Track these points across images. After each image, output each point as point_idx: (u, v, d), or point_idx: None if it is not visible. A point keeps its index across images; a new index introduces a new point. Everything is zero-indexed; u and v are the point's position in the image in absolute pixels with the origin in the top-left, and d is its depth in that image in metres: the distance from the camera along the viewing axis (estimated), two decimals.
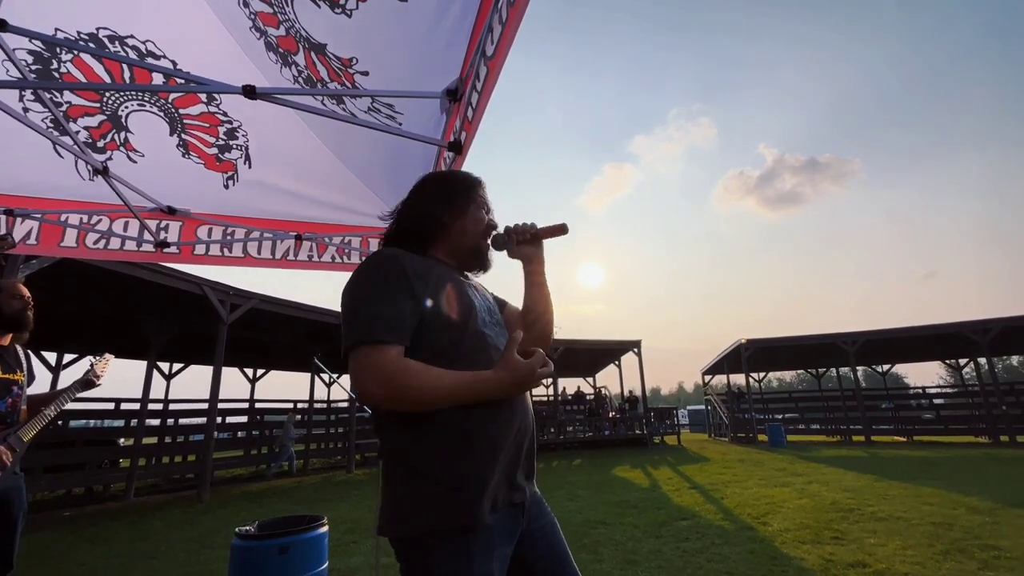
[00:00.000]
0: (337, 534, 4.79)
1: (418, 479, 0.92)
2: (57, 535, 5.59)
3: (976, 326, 14.59)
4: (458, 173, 1.25)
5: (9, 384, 2.01)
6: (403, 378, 0.89)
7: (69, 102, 1.96)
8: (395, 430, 0.97)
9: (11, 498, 1.98)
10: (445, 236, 1.15)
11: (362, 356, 0.90)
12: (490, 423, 0.97)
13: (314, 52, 1.48)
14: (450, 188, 1.18)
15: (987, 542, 3.99)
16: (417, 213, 1.16)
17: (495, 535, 0.94)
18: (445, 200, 1.16)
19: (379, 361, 0.89)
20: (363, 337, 0.91)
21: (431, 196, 1.17)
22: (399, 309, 0.94)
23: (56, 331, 9.29)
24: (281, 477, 10.98)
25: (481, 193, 1.21)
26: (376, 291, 0.96)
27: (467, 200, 1.18)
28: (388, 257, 1.01)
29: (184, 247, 2.63)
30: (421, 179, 1.24)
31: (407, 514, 0.91)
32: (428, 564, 0.89)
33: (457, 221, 1.15)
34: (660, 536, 4.53)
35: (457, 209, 1.16)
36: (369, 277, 0.99)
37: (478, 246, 1.19)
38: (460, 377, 0.93)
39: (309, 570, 2.51)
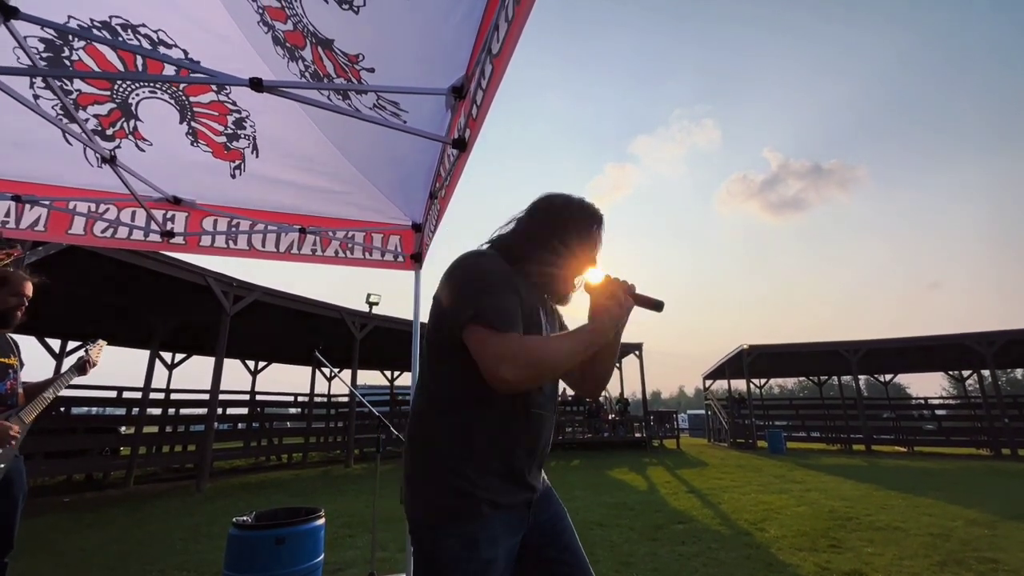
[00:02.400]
0: (334, 527, 4.81)
1: (440, 469, 0.98)
2: (56, 520, 5.64)
3: (980, 338, 14.50)
4: (589, 207, 1.18)
5: (5, 368, 2.04)
6: (533, 354, 0.93)
7: (79, 90, 1.98)
8: (429, 421, 1.03)
9: (12, 479, 2.01)
10: (548, 270, 1.14)
11: (491, 343, 0.92)
12: (513, 427, 1.02)
13: (321, 47, 1.49)
14: (579, 226, 1.15)
15: (985, 554, 3.97)
16: (529, 235, 1.14)
17: (502, 526, 0.99)
18: (561, 234, 1.13)
19: (510, 346, 0.92)
20: (492, 320, 0.93)
21: (551, 224, 1.13)
22: (515, 304, 0.99)
23: (60, 319, 9.35)
24: (280, 469, 11.03)
25: (598, 233, 1.19)
26: (494, 280, 0.99)
27: (588, 241, 1.16)
28: (495, 256, 1.07)
29: (190, 238, 2.65)
30: (549, 199, 1.18)
31: (426, 499, 0.98)
32: (437, 548, 0.94)
33: (564, 265, 1.14)
34: (656, 539, 4.53)
35: (572, 254, 1.14)
36: (484, 267, 1.03)
37: (567, 294, 1.21)
38: (572, 335, 0.99)
39: (304, 562, 2.53)
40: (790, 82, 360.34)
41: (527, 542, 1.06)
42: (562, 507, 1.16)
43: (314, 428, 13.41)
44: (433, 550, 0.95)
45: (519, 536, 1.04)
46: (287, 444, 12.87)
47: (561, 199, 1.18)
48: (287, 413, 15.38)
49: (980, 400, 17.60)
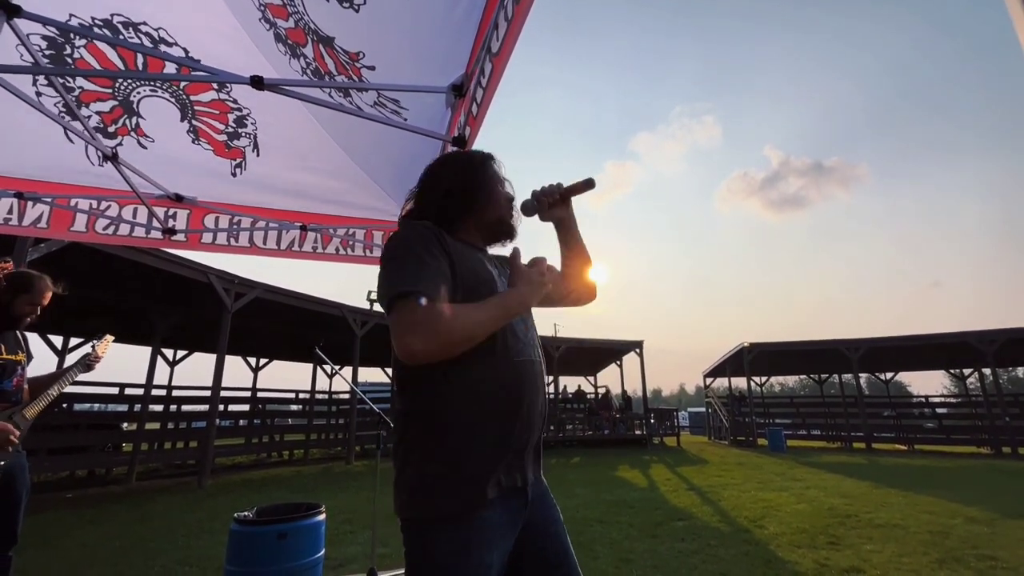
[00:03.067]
0: (335, 524, 4.83)
1: (429, 466, 0.94)
2: (59, 516, 5.67)
3: (981, 336, 14.48)
4: (469, 152, 1.25)
5: (14, 364, 2.05)
6: (444, 323, 0.88)
7: (81, 87, 1.99)
8: (413, 416, 0.99)
9: (15, 475, 2.03)
10: (468, 214, 1.15)
11: (401, 314, 0.89)
12: (502, 412, 0.98)
13: (322, 45, 1.50)
14: (468, 164, 1.18)
15: (984, 552, 3.98)
16: (438, 191, 1.15)
17: (496, 527, 0.95)
18: (464, 177, 1.15)
19: (420, 315, 0.87)
20: (402, 294, 0.90)
21: (450, 174, 1.16)
22: (438, 268, 0.96)
23: (62, 315, 9.38)
24: (281, 465, 11.07)
25: (495, 167, 1.21)
26: (413, 251, 0.97)
27: (486, 173, 1.18)
28: (420, 224, 1.04)
29: (191, 235, 2.66)
30: (435, 162, 1.23)
31: (416, 499, 0.94)
32: (430, 549, 0.91)
33: (480, 196, 1.15)
34: (656, 536, 4.55)
35: (479, 182, 1.16)
36: (405, 239, 1.00)
37: (502, 218, 1.19)
38: (488, 302, 0.96)
39: (305, 557, 2.54)
40: (791, 79, 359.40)
41: (519, 546, 1.02)
42: (557, 510, 1.13)
43: (315, 425, 13.45)
44: (423, 553, 0.91)
45: (513, 537, 1.00)
46: (288, 441, 12.91)
47: (445, 156, 1.25)
48: (288, 410, 15.42)
49: (981, 398, 17.60)
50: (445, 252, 1.00)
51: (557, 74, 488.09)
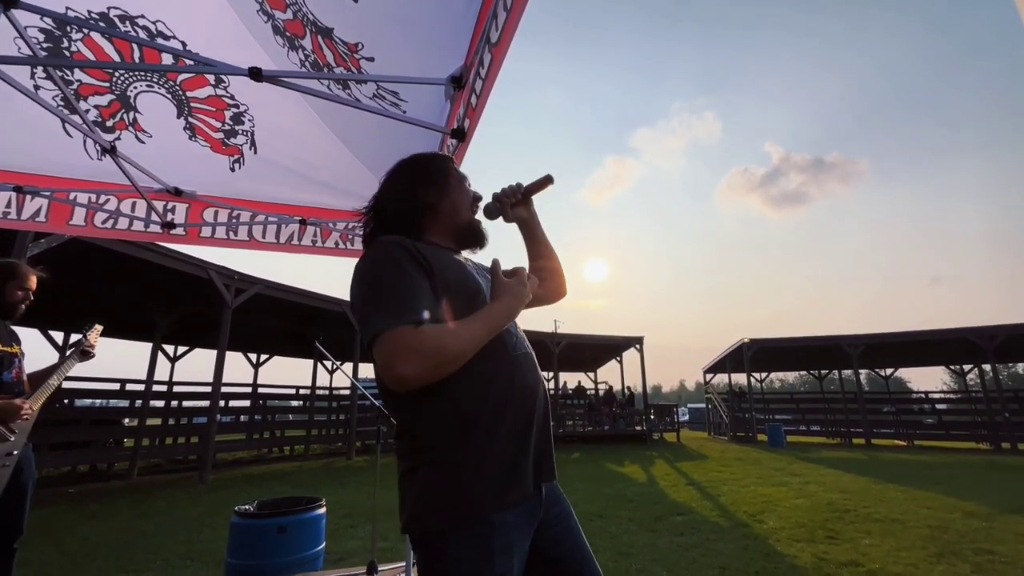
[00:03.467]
0: (335, 518, 4.85)
1: (438, 475, 0.90)
2: (62, 510, 5.70)
3: (982, 332, 14.49)
4: (428, 154, 1.22)
5: (12, 356, 2.06)
6: (434, 346, 0.85)
7: (80, 80, 1.98)
8: (415, 427, 0.94)
9: (21, 466, 2.04)
10: (434, 218, 1.12)
11: (385, 343, 0.85)
12: (507, 410, 0.94)
13: (321, 36, 1.49)
14: (426, 168, 1.15)
15: (981, 546, 3.99)
16: (400, 199, 1.11)
17: (514, 531, 0.91)
18: (425, 181, 1.12)
19: (406, 341, 0.84)
20: (385, 323, 0.86)
21: (409, 180, 1.13)
22: (418, 287, 0.92)
23: (63, 311, 9.39)
24: (282, 461, 11.11)
25: (455, 167, 1.19)
26: (388, 274, 0.92)
27: (447, 176, 1.15)
28: (389, 242, 0.98)
29: (190, 229, 2.66)
30: (394, 166, 1.19)
31: (427, 510, 0.89)
32: (448, 559, 0.86)
33: (444, 199, 1.12)
34: (655, 530, 4.57)
35: (440, 186, 1.12)
36: (377, 263, 0.95)
37: (470, 221, 1.16)
38: (473, 317, 0.93)
39: (306, 550, 2.56)
40: (792, 74, 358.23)
41: (534, 542, 0.98)
42: (568, 505, 1.11)
43: (316, 421, 13.49)
44: (443, 564, 0.86)
45: (530, 537, 0.96)
46: (289, 436, 12.95)
47: (404, 160, 1.20)
48: (289, 406, 15.45)
49: (980, 394, 17.63)
50: (421, 266, 0.95)
51: (556, 69, 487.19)
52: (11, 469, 1.95)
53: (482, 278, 1.11)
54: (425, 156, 1.20)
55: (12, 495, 2.01)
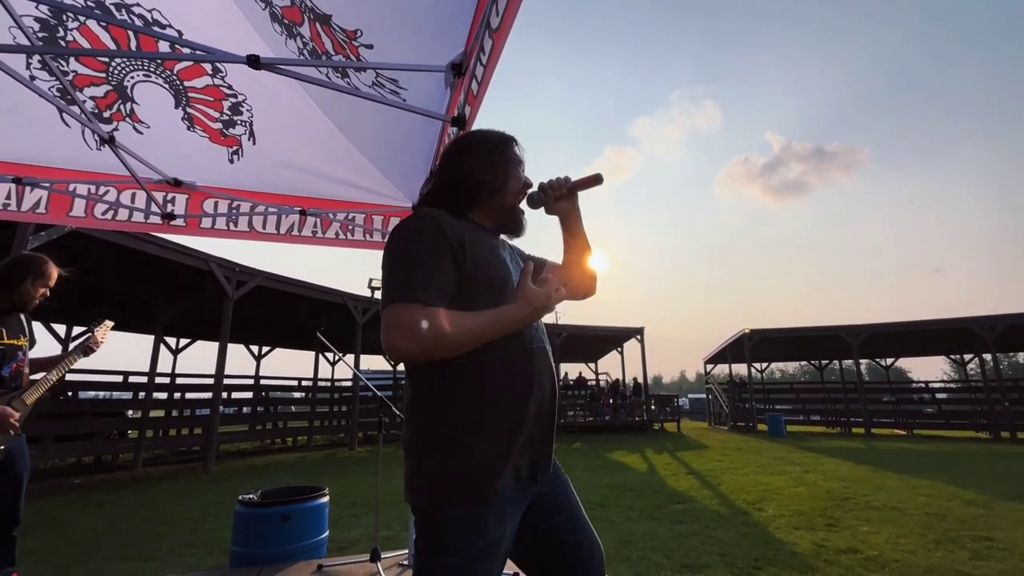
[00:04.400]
0: (338, 508, 4.90)
1: (440, 450, 0.94)
2: (67, 501, 5.75)
3: (982, 322, 14.49)
4: (492, 131, 1.19)
5: (14, 349, 2.06)
6: (433, 330, 0.87)
7: (76, 71, 1.96)
8: (423, 398, 0.99)
9: (15, 458, 2.05)
10: (484, 197, 1.12)
11: (392, 313, 0.89)
12: (515, 398, 0.98)
13: (319, 23, 1.47)
14: (487, 146, 1.14)
15: (979, 533, 4.03)
16: (456, 173, 1.12)
17: (508, 504, 0.96)
18: (483, 158, 1.12)
19: (410, 317, 0.87)
20: (398, 296, 0.90)
21: (469, 155, 1.13)
22: (439, 269, 0.94)
23: (65, 304, 9.41)
24: (285, 452, 11.18)
25: (516, 150, 1.18)
26: (415, 251, 0.95)
27: (505, 157, 1.14)
28: (427, 217, 1.00)
29: (190, 220, 2.65)
30: (456, 138, 1.20)
31: (425, 482, 0.94)
32: (443, 531, 0.91)
33: (496, 180, 1.12)
34: (655, 518, 4.60)
35: (496, 167, 1.12)
36: (408, 238, 0.98)
37: (515, 207, 1.16)
38: (485, 314, 0.93)
39: (309, 538, 2.59)
40: (793, 62, 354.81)
41: (529, 515, 1.04)
42: (565, 476, 1.16)
43: (318, 412, 13.56)
44: (438, 530, 0.92)
45: (523, 509, 1.02)
46: (292, 427, 13.03)
47: (468, 133, 1.20)
48: (291, 397, 15.55)
49: (981, 384, 17.67)
50: (450, 246, 0.97)
51: (554, 58, 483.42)
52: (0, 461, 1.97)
53: (514, 265, 1.13)
54: (489, 134, 1.18)
55: (7, 486, 2.03)
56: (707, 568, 3.27)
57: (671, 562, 3.39)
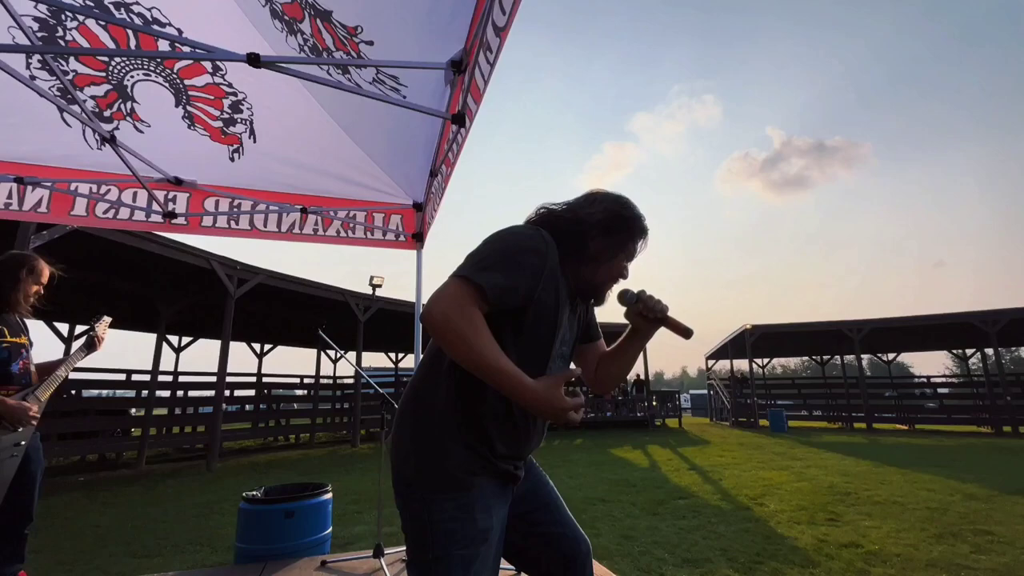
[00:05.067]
0: (342, 504, 4.92)
1: (436, 432, 0.99)
2: (72, 498, 5.78)
3: (985, 316, 14.46)
4: (635, 210, 1.13)
5: (19, 347, 2.07)
6: (468, 323, 0.88)
7: (75, 71, 1.97)
8: (430, 383, 1.03)
9: (29, 455, 2.06)
10: (583, 262, 1.10)
11: (453, 285, 0.91)
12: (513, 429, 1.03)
13: (320, 19, 1.47)
14: (617, 219, 1.10)
15: (981, 527, 4.03)
16: (573, 217, 1.09)
17: (491, 496, 1.01)
18: (604, 225, 1.09)
19: (463, 297, 0.89)
20: (471, 272, 0.92)
21: (594, 210, 1.10)
22: (515, 282, 0.95)
23: (67, 303, 9.44)
24: (288, 449, 11.23)
25: (638, 244, 1.15)
26: (515, 253, 0.97)
27: (621, 240, 1.11)
28: (546, 241, 1.01)
29: (192, 218, 2.66)
30: (604, 195, 1.14)
31: (420, 464, 0.99)
32: (433, 514, 0.95)
33: (599, 253, 1.10)
34: (657, 514, 4.62)
35: (610, 242, 1.10)
36: (521, 239, 1.00)
37: (599, 286, 1.15)
38: (505, 364, 0.90)
39: (313, 534, 2.60)
40: (794, 56, 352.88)
41: (514, 510, 1.09)
42: (542, 473, 1.22)
43: (320, 409, 13.60)
44: (429, 516, 0.95)
45: (507, 505, 1.07)
46: (294, 425, 13.07)
47: (616, 199, 1.13)
48: (294, 395, 15.59)
49: (983, 378, 17.65)
50: (538, 274, 0.98)
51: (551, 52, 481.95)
52: (19, 459, 1.98)
53: (569, 325, 1.13)
54: (630, 210, 1.13)
55: (22, 483, 2.04)
56: (709, 563, 3.28)
57: (673, 557, 3.40)
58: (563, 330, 1.08)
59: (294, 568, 2.41)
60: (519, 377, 0.90)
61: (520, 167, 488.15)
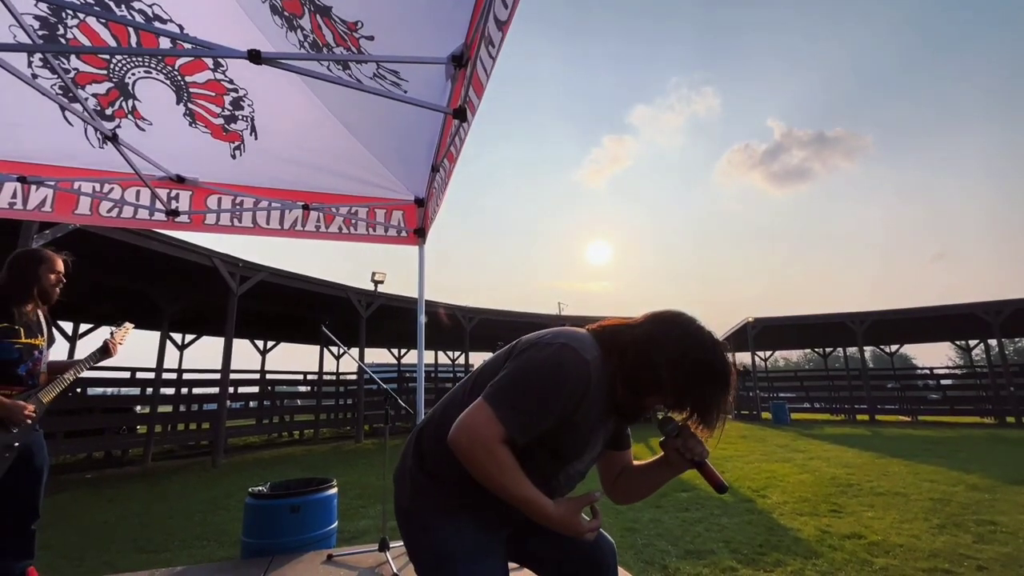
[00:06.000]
0: (346, 499, 4.96)
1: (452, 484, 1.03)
2: (79, 495, 5.84)
3: (988, 307, 14.43)
4: (717, 357, 1.00)
5: (31, 348, 2.08)
6: (492, 461, 0.92)
7: (77, 69, 1.97)
8: (438, 451, 1.04)
9: (33, 452, 2.08)
10: (642, 390, 1.04)
11: (483, 416, 0.93)
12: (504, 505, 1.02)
13: (320, 15, 1.47)
14: (698, 364, 0.99)
15: (984, 517, 4.04)
16: (644, 360, 1.00)
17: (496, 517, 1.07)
18: (678, 368, 0.99)
19: (491, 435, 0.92)
20: (500, 408, 0.93)
21: (685, 374, 0.98)
22: (544, 418, 0.95)
23: (72, 302, 9.48)
24: (292, 445, 11.29)
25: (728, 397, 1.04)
26: (546, 389, 0.95)
27: (694, 384, 1.00)
28: (584, 370, 0.97)
29: (195, 216, 2.67)
30: (699, 345, 1.00)
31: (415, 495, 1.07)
32: (432, 539, 1.02)
33: (666, 392, 1.02)
34: (660, 506, 4.64)
35: (683, 384, 1.00)
36: (554, 369, 0.96)
37: (644, 411, 1.11)
38: (527, 488, 0.94)
39: (319, 528, 2.62)
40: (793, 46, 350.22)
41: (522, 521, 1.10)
42: None
43: (324, 405, 13.66)
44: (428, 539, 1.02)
45: (508, 524, 1.11)
46: (298, 421, 13.14)
47: (696, 344, 1.00)
48: (297, 391, 15.67)
49: (986, 369, 17.63)
50: (572, 400, 0.96)
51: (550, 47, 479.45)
52: (11, 460, 1.99)
53: (603, 429, 1.11)
54: (714, 356, 1.00)
55: (27, 480, 2.06)
56: (712, 554, 3.30)
57: (676, 549, 3.42)
58: (589, 449, 1.08)
59: (300, 562, 2.43)
60: (540, 503, 0.94)
61: (516, 162, 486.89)
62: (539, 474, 0.98)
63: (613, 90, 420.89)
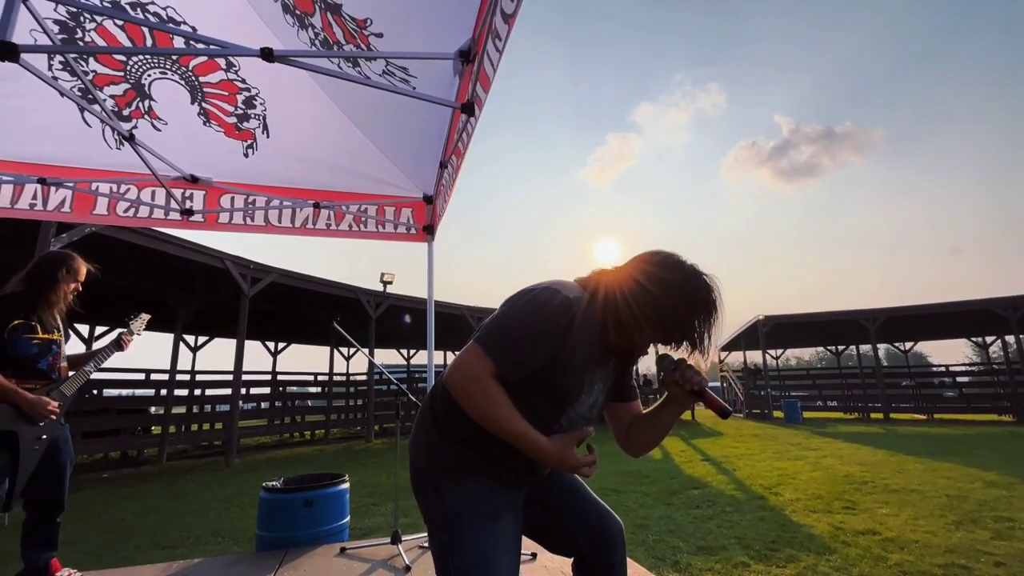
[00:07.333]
0: (358, 497, 5.00)
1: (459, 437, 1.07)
2: (97, 494, 5.94)
3: (1004, 303, 14.18)
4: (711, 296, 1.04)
5: (49, 343, 2.14)
6: (483, 395, 0.96)
7: (95, 71, 2.02)
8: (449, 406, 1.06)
9: (59, 446, 2.14)
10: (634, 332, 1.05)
11: (473, 354, 0.98)
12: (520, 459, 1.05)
13: (330, 13, 1.50)
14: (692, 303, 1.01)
15: (1002, 514, 3.98)
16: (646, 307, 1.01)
17: (506, 484, 1.09)
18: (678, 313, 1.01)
19: (482, 370, 0.96)
20: (487, 344, 0.98)
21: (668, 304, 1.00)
22: (533, 351, 0.98)
23: (87, 304, 9.63)
24: (303, 445, 11.39)
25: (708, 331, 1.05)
26: (530, 322, 1.00)
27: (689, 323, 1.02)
28: (567, 302, 1.01)
29: (208, 215, 2.71)
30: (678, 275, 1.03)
31: (442, 456, 1.08)
32: (443, 500, 1.05)
33: (657, 328, 1.04)
34: (671, 504, 4.63)
35: (679, 321, 1.02)
36: (538, 306, 1.01)
37: (638, 349, 1.12)
38: (520, 423, 0.97)
39: (332, 522, 2.66)
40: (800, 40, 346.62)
41: (537, 494, 1.17)
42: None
43: (335, 406, 13.76)
44: (440, 499, 1.04)
45: (522, 491, 1.14)
46: (309, 421, 13.25)
47: (676, 275, 1.02)
48: (307, 392, 15.80)
49: (1004, 366, 17.32)
50: (559, 333, 0.99)
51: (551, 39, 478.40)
52: (41, 452, 2.05)
53: (601, 376, 1.12)
54: (706, 294, 1.03)
55: (53, 472, 2.12)
56: (724, 551, 3.28)
57: (688, 545, 3.41)
58: (587, 395, 1.09)
59: (314, 555, 2.46)
60: (533, 437, 0.97)
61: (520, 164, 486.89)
62: (540, 421, 1.01)
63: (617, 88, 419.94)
